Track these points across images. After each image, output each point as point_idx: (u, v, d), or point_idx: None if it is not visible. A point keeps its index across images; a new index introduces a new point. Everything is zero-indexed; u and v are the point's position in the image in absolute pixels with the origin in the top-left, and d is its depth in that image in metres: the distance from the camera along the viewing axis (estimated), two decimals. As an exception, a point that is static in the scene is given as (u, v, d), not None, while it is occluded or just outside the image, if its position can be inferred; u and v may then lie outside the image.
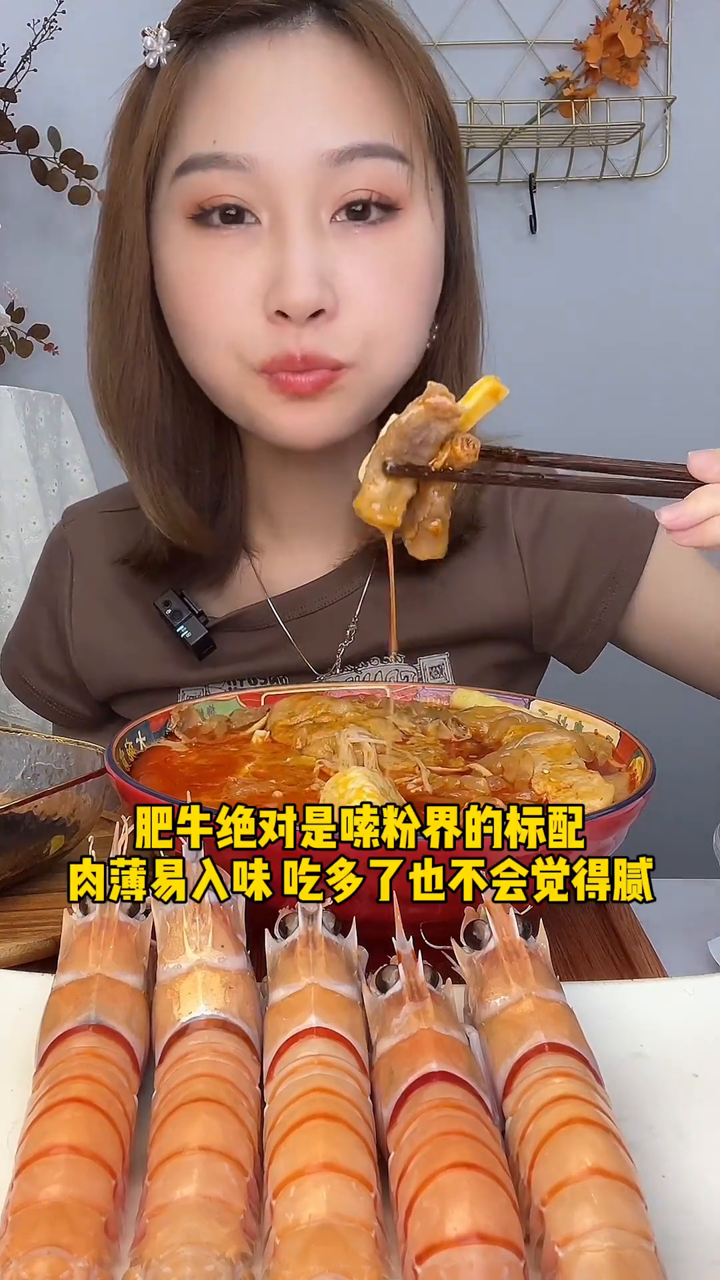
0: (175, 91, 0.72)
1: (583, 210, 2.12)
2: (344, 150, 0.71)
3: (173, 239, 0.74)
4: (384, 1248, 0.33)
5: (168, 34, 0.74)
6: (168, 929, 0.43)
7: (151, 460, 0.82)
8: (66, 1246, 0.32)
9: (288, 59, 0.72)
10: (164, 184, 0.74)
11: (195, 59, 0.73)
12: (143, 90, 0.75)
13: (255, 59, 0.72)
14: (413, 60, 0.73)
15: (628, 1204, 0.33)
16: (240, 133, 0.71)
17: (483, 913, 0.44)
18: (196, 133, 0.72)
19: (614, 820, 0.52)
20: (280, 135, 0.70)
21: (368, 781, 0.54)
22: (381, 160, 0.72)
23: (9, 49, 1.98)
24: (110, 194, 0.77)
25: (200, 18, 0.73)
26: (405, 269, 0.74)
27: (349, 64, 0.72)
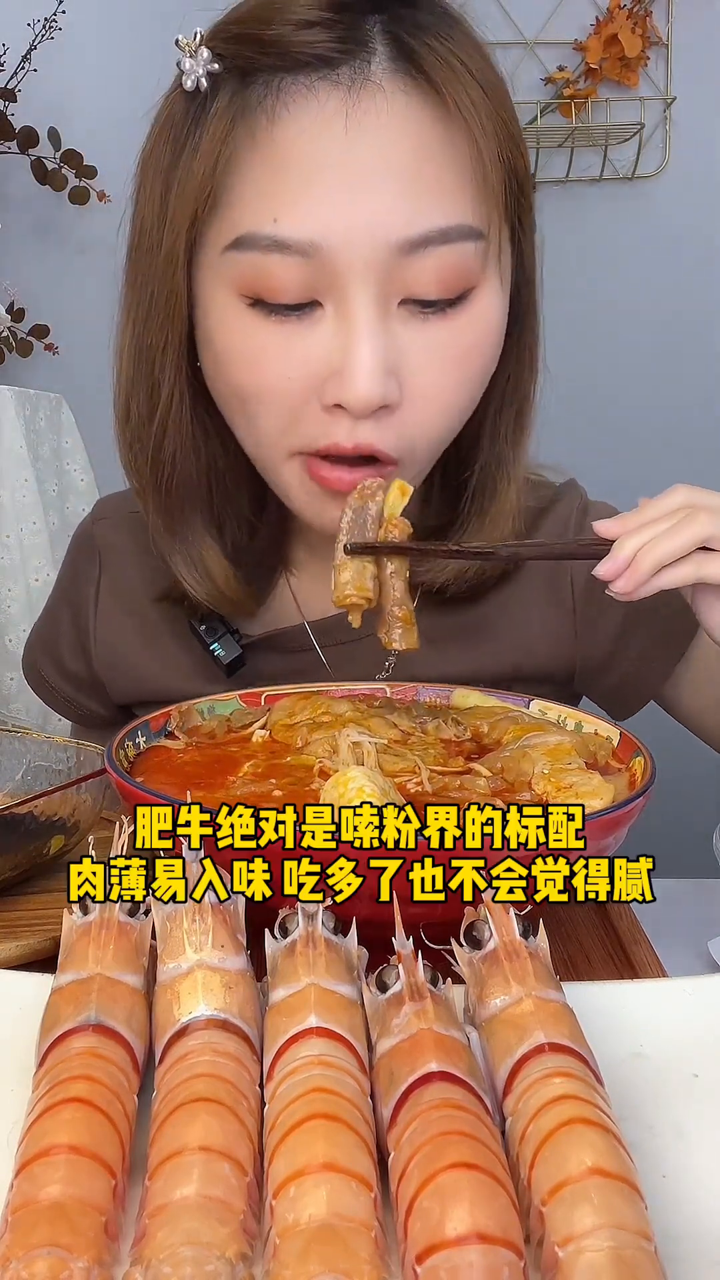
0: (227, 146, 0.65)
1: (583, 210, 2.12)
2: (418, 239, 0.64)
3: (222, 313, 0.68)
4: (384, 1248, 0.33)
5: (209, 54, 0.65)
6: (168, 929, 0.43)
7: (185, 516, 0.78)
8: (66, 1246, 0.32)
9: (361, 123, 0.63)
10: (211, 247, 0.68)
11: (252, 108, 0.65)
12: (179, 117, 0.67)
13: (323, 120, 0.63)
14: (492, 113, 0.65)
15: (628, 1204, 0.33)
16: (305, 212, 0.64)
17: (483, 913, 0.44)
18: (253, 202, 0.65)
19: (614, 820, 0.52)
20: (349, 218, 0.63)
21: (368, 781, 0.54)
22: (456, 246, 0.65)
23: (9, 49, 1.98)
24: (140, 232, 0.71)
25: (248, 54, 0.64)
26: (471, 353, 0.70)
27: (426, 129, 0.64)
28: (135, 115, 0.70)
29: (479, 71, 0.65)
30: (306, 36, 0.63)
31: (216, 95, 0.65)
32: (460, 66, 0.64)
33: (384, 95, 0.64)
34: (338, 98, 0.63)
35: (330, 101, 0.63)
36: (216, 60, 0.65)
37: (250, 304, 0.67)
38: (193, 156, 0.66)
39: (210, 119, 0.65)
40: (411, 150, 0.64)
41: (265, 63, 0.64)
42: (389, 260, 0.64)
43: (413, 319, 0.67)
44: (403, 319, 0.67)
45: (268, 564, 0.85)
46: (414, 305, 0.67)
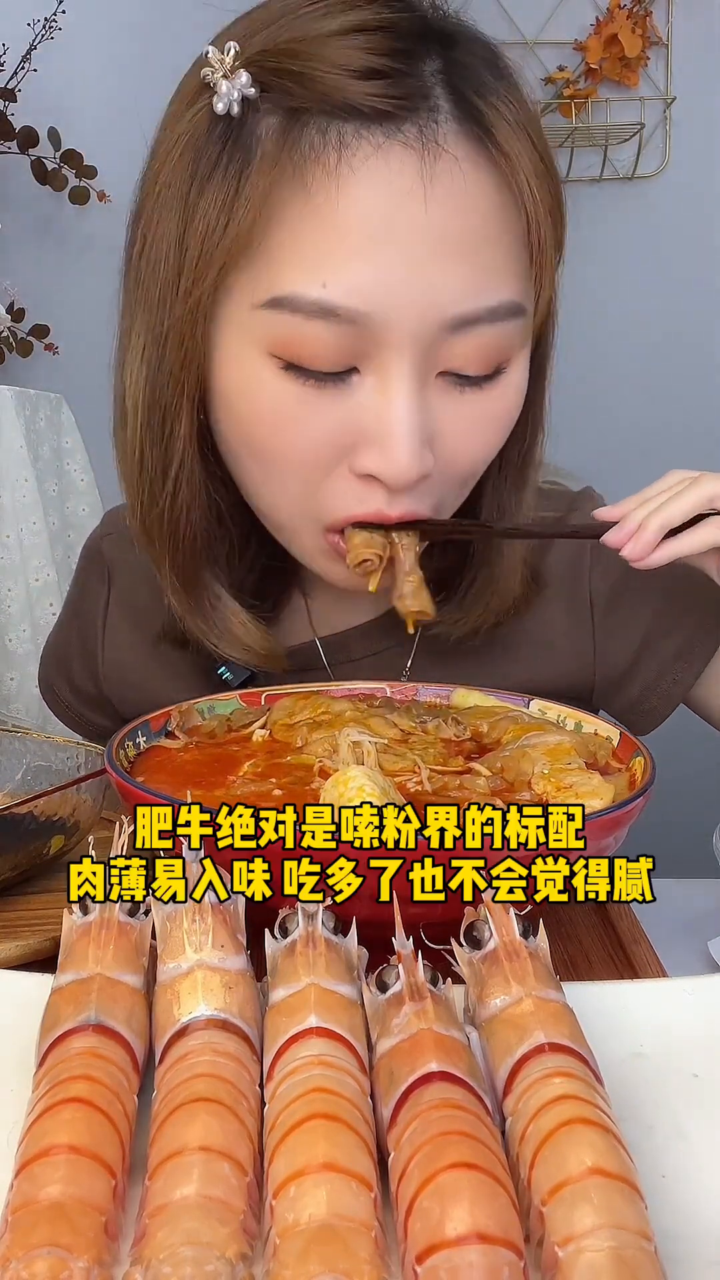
0: (274, 192, 0.60)
1: (583, 210, 2.12)
2: (470, 317, 0.62)
3: (248, 372, 0.64)
4: (384, 1248, 0.33)
5: (249, 78, 0.59)
6: (168, 929, 0.43)
7: (199, 572, 0.75)
8: (66, 1246, 0.32)
9: (434, 193, 0.59)
10: (239, 300, 0.63)
11: (306, 159, 0.59)
12: (202, 140, 0.61)
13: (399, 188, 0.59)
14: (545, 174, 0.63)
15: (628, 1204, 0.33)
16: (360, 281, 0.60)
17: (483, 913, 0.44)
18: (298, 261, 0.60)
19: (614, 820, 0.52)
20: (407, 291, 0.60)
21: (368, 781, 0.54)
22: (502, 324, 0.63)
23: (9, 49, 1.98)
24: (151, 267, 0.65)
25: (300, 91, 0.59)
26: (501, 420, 0.68)
27: (490, 201, 0.61)
28: (135, 115, 0.69)
29: (536, 136, 0.63)
30: (368, 88, 0.58)
31: (256, 128, 0.60)
32: (523, 134, 0.61)
33: (455, 163, 0.60)
34: (412, 164, 0.59)
35: (405, 167, 0.59)
36: (254, 86, 0.60)
37: (283, 367, 0.63)
38: (229, 197, 0.60)
39: (255, 160, 0.60)
40: (478, 224, 0.61)
41: (319, 106, 0.59)
42: (436, 335, 0.62)
43: (449, 390, 0.65)
44: (439, 389, 0.65)
45: (283, 588, 0.83)
46: (452, 378, 0.65)
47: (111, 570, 0.89)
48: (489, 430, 0.68)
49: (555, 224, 0.66)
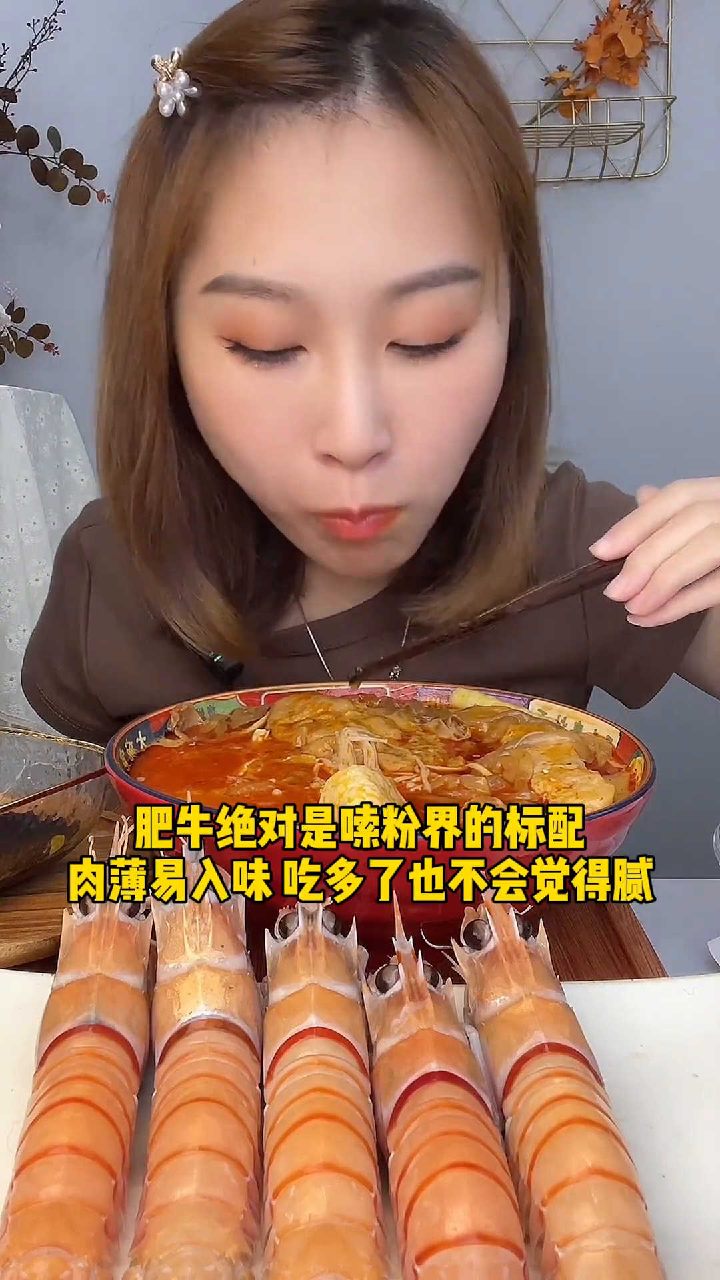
0: (204, 180, 0.61)
1: (583, 210, 2.12)
2: (405, 283, 0.61)
3: (206, 359, 0.65)
4: (384, 1248, 0.33)
5: (187, 78, 0.61)
6: (168, 929, 0.43)
7: (178, 562, 0.75)
8: (66, 1246, 0.32)
9: (345, 163, 0.59)
10: (189, 286, 0.65)
11: (230, 142, 0.61)
12: (155, 143, 0.64)
13: (305, 160, 0.59)
14: (485, 136, 0.61)
15: (628, 1204, 0.33)
16: (285, 255, 0.60)
17: (483, 913, 0.44)
18: (231, 241, 0.61)
19: (614, 820, 0.52)
20: (333, 261, 0.60)
21: (368, 781, 0.54)
22: (447, 288, 0.62)
23: (9, 49, 1.98)
24: (118, 262, 0.67)
25: (226, 82, 0.60)
26: (465, 395, 0.66)
27: (415, 163, 0.60)
28: (135, 115, 0.70)
29: (474, 97, 0.61)
30: (288, 66, 0.59)
31: (194, 123, 0.62)
32: (453, 94, 0.60)
33: (368, 129, 0.59)
34: (320, 132, 0.59)
35: (312, 136, 0.59)
36: (194, 85, 0.61)
37: (231, 348, 0.64)
38: (169, 189, 0.62)
39: (187, 150, 0.62)
40: (398, 188, 0.60)
41: (244, 93, 0.60)
42: (375, 304, 0.61)
43: (402, 363, 0.64)
44: (391, 362, 0.64)
45: (280, 590, 0.83)
46: (402, 350, 0.64)
47: (92, 563, 0.89)
48: (452, 406, 0.66)
49: (507, 189, 0.63)
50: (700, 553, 0.58)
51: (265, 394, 0.64)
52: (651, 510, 0.61)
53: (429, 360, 0.64)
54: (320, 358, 0.63)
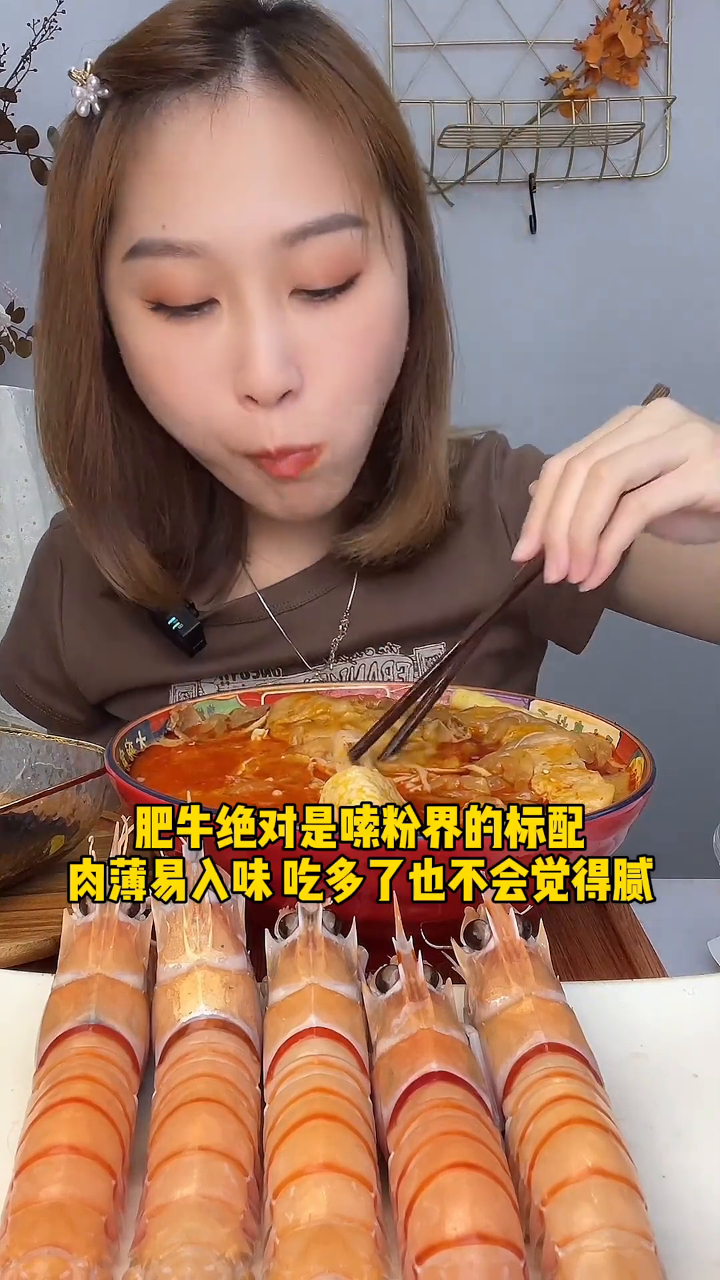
0: (115, 161, 0.69)
1: (583, 210, 2.12)
2: (296, 230, 0.68)
3: (133, 322, 0.72)
4: (384, 1248, 0.33)
5: (97, 80, 0.69)
6: (168, 929, 0.43)
7: (110, 517, 0.81)
8: (66, 1246, 0.32)
9: (229, 128, 0.67)
10: (114, 259, 0.72)
11: (134, 124, 0.68)
12: (77, 141, 0.71)
13: (195, 130, 0.67)
14: (358, 103, 0.69)
15: (628, 1204, 0.33)
16: (188, 216, 0.68)
17: (483, 913, 0.44)
18: (142, 212, 0.69)
19: (614, 820, 0.52)
20: (230, 216, 0.67)
21: (367, 782, 0.54)
22: (336, 234, 0.69)
23: (9, 49, 1.98)
24: (51, 249, 0.75)
25: (129, 76, 0.68)
26: (368, 333, 0.73)
27: (293, 126, 0.68)
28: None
29: (345, 70, 0.69)
30: (178, 53, 0.67)
31: (105, 116, 0.69)
32: (323, 66, 0.68)
33: (248, 99, 0.67)
34: (205, 105, 0.67)
35: (201, 112, 0.67)
36: (104, 85, 0.69)
37: (153, 308, 0.70)
38: (88, 176, 0.70)
39: (99, 138, 0.69)
40: (280, 148, 0.67)
41: (145, 82, 0.68)
42: (273, 253, 0.68)
43: (305, 307, 0.70)
44: (296, 308, 0.70)
45: (228, 561, 0.88)
46: (304, 294, 0.70)
47: (64, 559, 0.94)
48: (355, 344, 0.72)
49: (380, 141, 0.70)
50: (595, 501, 0.56)
51: (186, 346, 0.71)
52: (542, 493, 0.60)
53: (329, 303, 0.71)
54: (231, 307, 0.70)
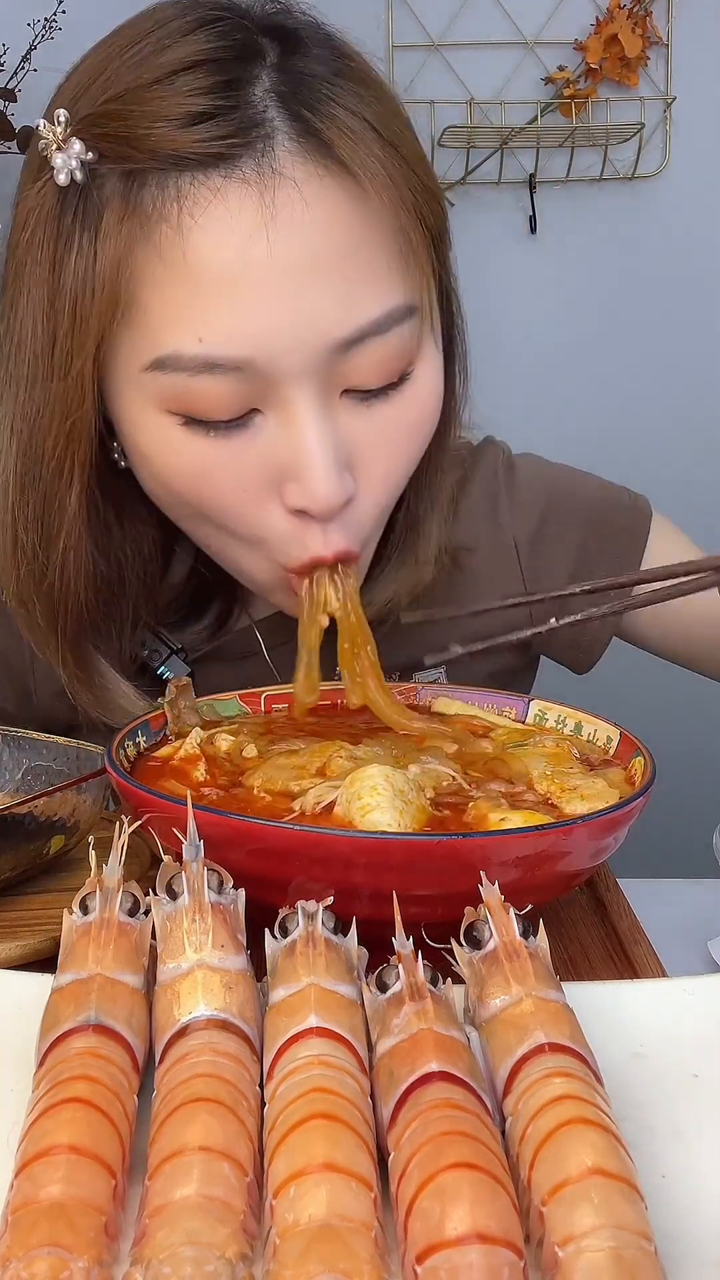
0: (126, 255, 0.59)
1: (583, 210, 2.12)
2: (355, 336, 0.61)
3: (154, 434, 0.64)
4: (384, 1248, 0.33)
5: (82, 146, 0.59)
6: (168, 929, 0.43)
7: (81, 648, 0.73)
8: (66, 1246, 0.32)
9: (277, 226, 0.58)
10: (123, 362, 0.62)
11: (150, 219, 0.59)
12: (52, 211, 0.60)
13: (241, 230, 0.58)
14: (404, 171, 0.61)
15: (628, 1204, 0.33)
16: (228, 329, 0.59)
17: (483, 913, 0.44)
18: (168, 320, 0.60)
19: (614, 820, 0.52)
20: (279, 328, 0.59)
21: (383, 779, 0.54)
22: (394, 331, 0.62)
23: (9, 49, 1.98)
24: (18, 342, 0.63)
25: (128, 152, 0.58)
26: (417, 425, 0.67)
27: (345, 214, 0.60)
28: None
29: (385, 128, 0.60)
30: (198, 134, 0.57)
31: (101, 193, 0.59)
32: (367, 132, 0.59)
33: (295, 187, 0.58)
34: (251, 202, 0.58)
35: (244, 208, 0.58)
36: (90, 151, 0.59)
37: (183, 422, 0.62)
38: (88, 266, 0.60)
39: (103, 224, 0.59)
40: (334, 243, 0.59)
41: (154, 164, 0.58)
42: (327, 360, 0.61)
43: (356, 406, 0.64)
44: (347, 408, 0.64)
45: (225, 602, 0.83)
46: (356, 394, 0.64)
47: None
48: (404, 439, 0.67)
49: (427, 214, 0.63)
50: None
51: (226, 459, 0.63)
52: None
53: (382, 400, 0.65)
54: (276, 416, 0.63)
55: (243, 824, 0.49)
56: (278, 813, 0.55)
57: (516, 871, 0.49)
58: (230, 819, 0.49)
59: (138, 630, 0.78)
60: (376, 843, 0.48)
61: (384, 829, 0.51)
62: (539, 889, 0.52)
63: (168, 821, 0.49)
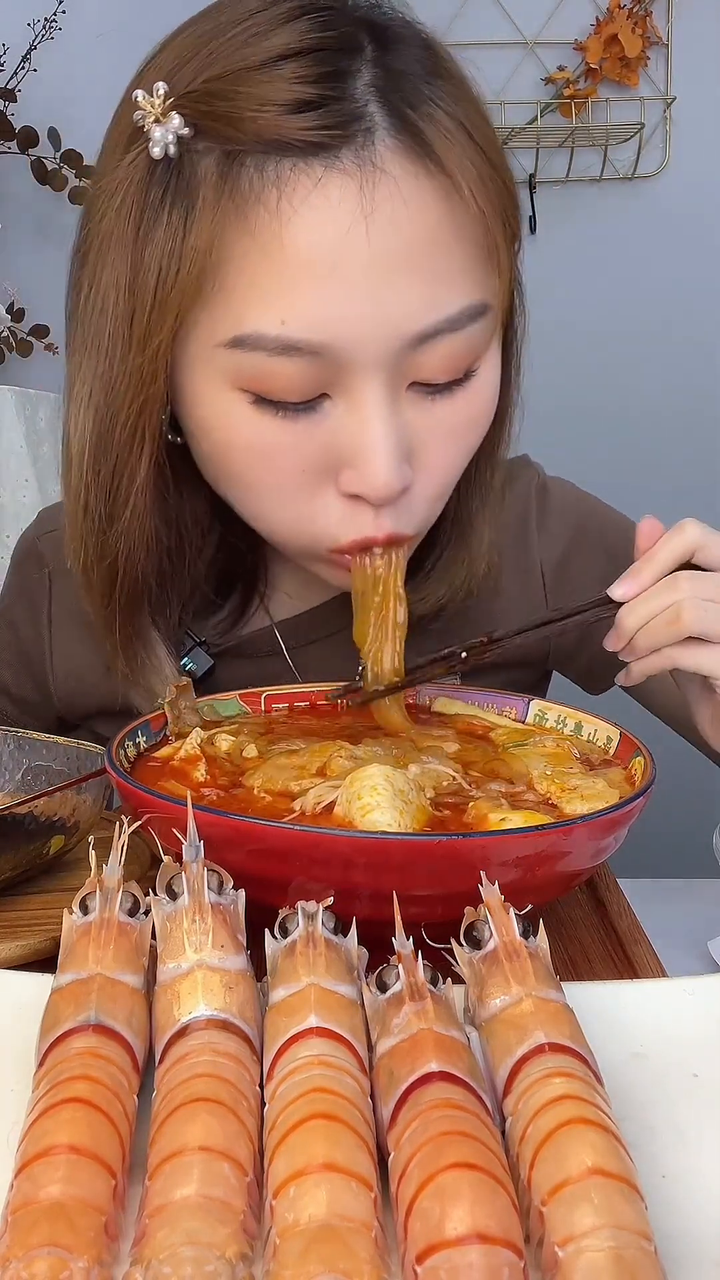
0: (218, 232, 0.60)
1: (583, 210, 2.12)
2: (432, 330, 0.62)
3: (220, 408, 0.65)
4: (384, 1248, 0.33)
5: (181, 120, 0.59)
6: (168, 929, 0.43)
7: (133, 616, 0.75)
8: (66, 1246, 0.32)
9: (373, 219, 0.59)
10: (199, 338, 0.63)
11: (247, 199, 0.59)
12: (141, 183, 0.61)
13: (339, 221, 0.59)
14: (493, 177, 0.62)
15: (628, 1204, 0.33)
16: (312, 314, 0.60)
17: (483, 913, 0.44)
18: (253, 299, 0.60)
19: (614, 820, 0.52)
20: (364, 318, 0.60)
21: (383, 780, 0.54)
22: (466, 329, 0.63)
23: (9, 49, 1.98)
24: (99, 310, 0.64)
25: (228, 133, 0.59)
26: (474, 421, 0.68)
27: (434, 211, 0.61)
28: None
29: (476, 130, 0.62)
30: (301, 122, 0.58)
31: (195, 169, 0.60)
32: (461, 134, 0.61)
33: (394, 183, 0.59)
34: (351, 194, 0.59)
35: (344, 199, 0.59)
36: (188, 127, 0.59)
37: (254, 401, 0.63)
38: (177, 243, 0.60)
39: (198, 204, 0.60)
40: (424, 239, 0.61)
41: (254, 147, 0.59)
42: (401, 352, 0.62)
43: (421, 400, 0.65)
44: (411, 400, 0.65)
45: (245, 596, 0.84)
46: (422, 388, 0.65)
47: (52, 571, 0.88)
48: (463, 434, 0.68)
49: (508, 215, 0.65)
50: (671, 624, 0.62)
51: (290, 441, 0.64)
52: (663, 554, 0.64)
53: (446, 395, 0.66)
54: (345, 402, 0.64)
55: (243, 824, 0.49)
56: (278, 813, 0.55)
57: (516, 871, 0.49)
58: (230, 819, 0.49)
59: (194, 598, 0.79)
60: (376, 843, 0.48)
61: (384, 829, 0.51)
62: (539, 889, 0.52)
63: (168, 821, 0.49)
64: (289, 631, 0.84)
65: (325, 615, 0.84)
